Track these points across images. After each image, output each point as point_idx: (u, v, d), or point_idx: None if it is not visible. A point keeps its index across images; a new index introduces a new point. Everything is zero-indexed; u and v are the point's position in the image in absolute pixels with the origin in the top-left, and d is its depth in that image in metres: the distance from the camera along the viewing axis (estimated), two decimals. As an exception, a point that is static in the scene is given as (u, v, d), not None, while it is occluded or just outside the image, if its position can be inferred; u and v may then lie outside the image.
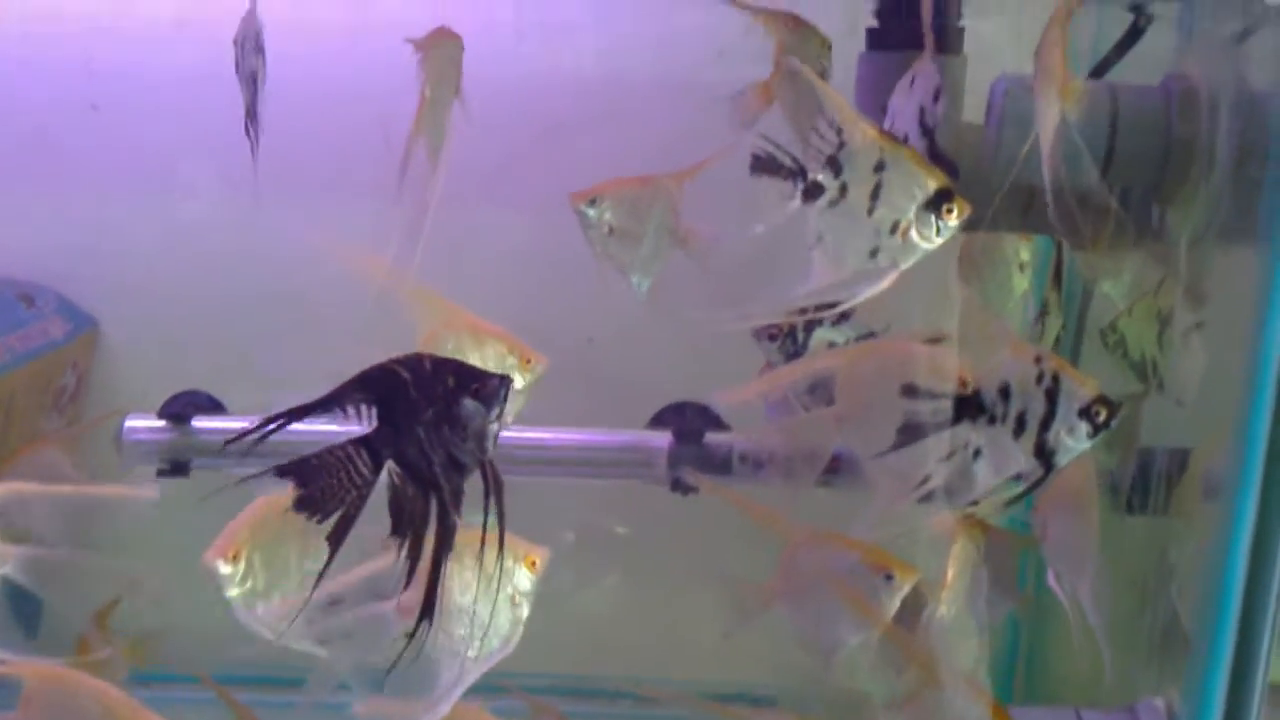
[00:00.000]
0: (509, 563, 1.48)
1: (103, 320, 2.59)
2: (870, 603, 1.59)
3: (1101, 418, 1.41)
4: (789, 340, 1.81)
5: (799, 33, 1.75)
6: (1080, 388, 1.43)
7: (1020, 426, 1.42)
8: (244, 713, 1.80)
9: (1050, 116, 1.51)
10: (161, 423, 2.24)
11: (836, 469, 1.88)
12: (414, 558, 1.23)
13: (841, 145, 1.40)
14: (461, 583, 1.45)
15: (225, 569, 1.60)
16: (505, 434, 1.59)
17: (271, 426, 1.19)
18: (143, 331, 2.55)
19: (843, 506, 1.73)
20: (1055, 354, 1.87)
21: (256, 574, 1.63)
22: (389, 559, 1.27)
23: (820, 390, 1.62)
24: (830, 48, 1.79)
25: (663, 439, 2.17)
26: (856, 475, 1.62)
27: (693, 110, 2.15)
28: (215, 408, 2.28)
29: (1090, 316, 2.04)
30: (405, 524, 1.24)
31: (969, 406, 1.44)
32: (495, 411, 1.23)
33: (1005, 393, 1.43)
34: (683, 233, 1.77)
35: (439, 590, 1.24)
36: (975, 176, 1.72)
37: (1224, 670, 1.57)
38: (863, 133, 1.40)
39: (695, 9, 2.16)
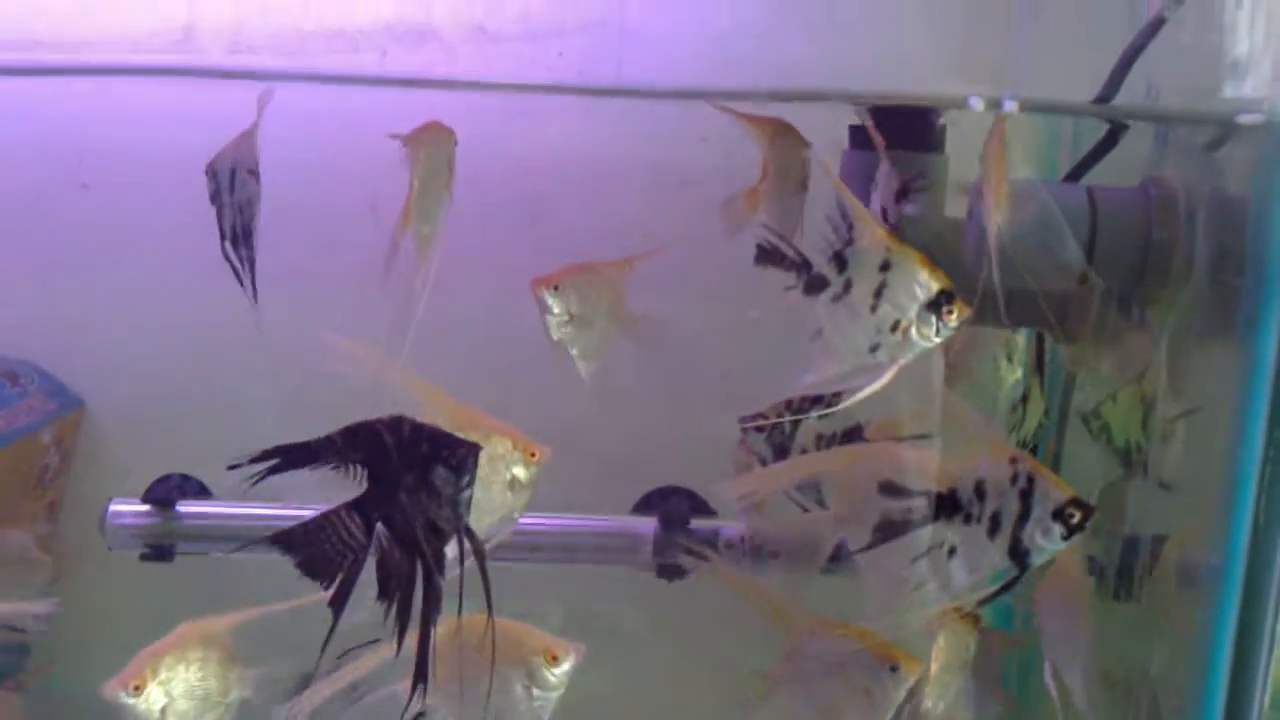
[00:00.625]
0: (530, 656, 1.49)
1: (89, 400, 2.58)
2: (875, 694, 1.59)
3: (1075, 520, 1.43)
4: (775, 430, 1.83)
5: (783, 136, 1.79)
6: (1054, 489, 1.45)
7: (995, 526, 1.44)
8: None
9: (993, 224, 1.56)
10: (146, 507, 2.24)
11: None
12: (403, 619, 1.26)
13: (849, 242, 1.44)
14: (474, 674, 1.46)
15: (126, 699, 1.59)
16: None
17: (266, 465, 1.22)
18: (129, 412, 2.54)
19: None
20: (1037, 440, 1.91)
21: (171, 703, 1.60)
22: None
23: (809, 487, 1.64)
24: (809, 147, 1.83)
25: (649, 524, 2.19)
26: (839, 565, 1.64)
27: (675, 193, 2.21)
28: (201, 492, 2.28)
29: (1073, 405, 2.06)
30: (393, 587, 1.26)
31: (946, 505, 1.45)
32: (466, 479, 1.25)
33: (981, 492, 1.45)
34: (629, 318, 1.84)
35: (431, 652, 1.27)
36: (955, 273, 1.74)
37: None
38: (871, 231, 1.44)
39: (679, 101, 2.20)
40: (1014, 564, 1.44)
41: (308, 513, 2.19)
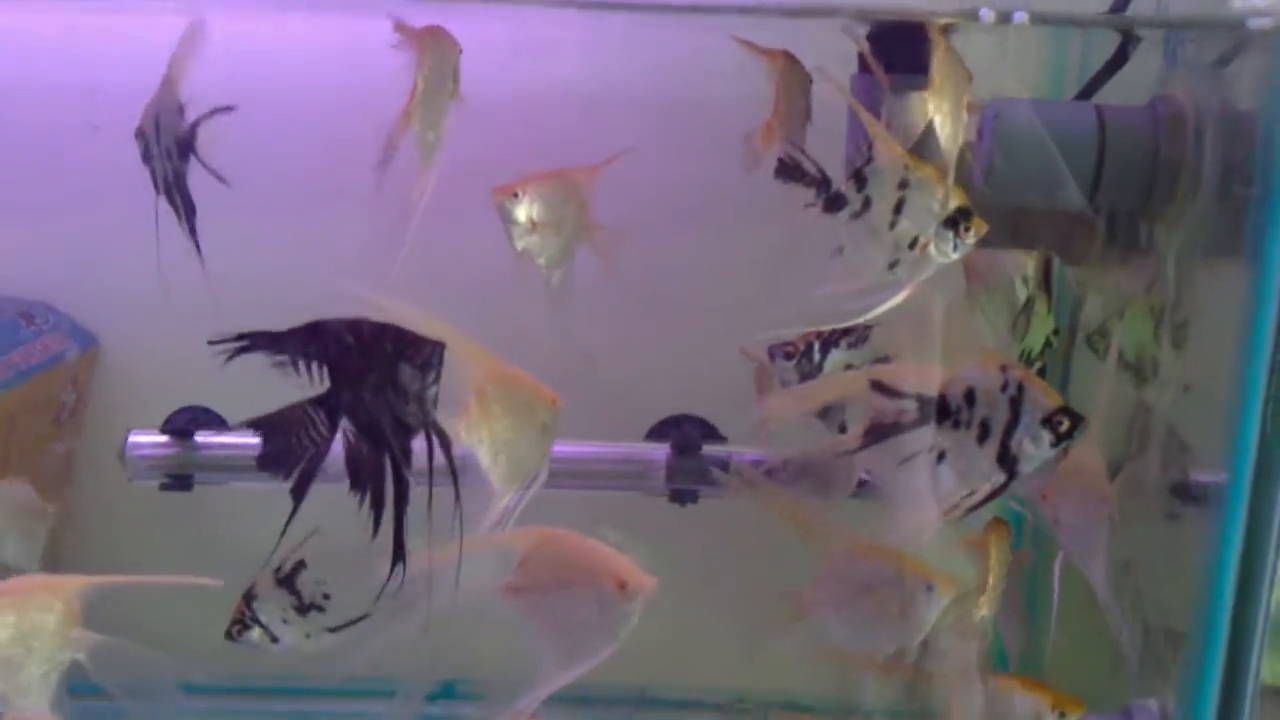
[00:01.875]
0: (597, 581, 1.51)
1: (103, 338, 2.60)
2: (910, 614, 1.61)
3: (1064, 428, 1.44)
4: (804, 359, 1.84)
5: (790, 69, 1.80)
6: (1044, 397, 1.45)
7: (985, 432, 1.45)
8: None
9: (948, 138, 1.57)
10: (165, 438, 2.27)
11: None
12: (377, 510, 1.32)
13: (869, 160, 1.46)
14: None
15: None
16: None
17: (237, 345, 1.29)
18: (144, 349, 2.56)
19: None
20: (1045, 359, 1.93)
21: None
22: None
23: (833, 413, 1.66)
24: (812, 82, 1.84)
25: (660, 451, 2.21)
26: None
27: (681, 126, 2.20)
28: (218, 423, 2.30)
29: (1080, 327, 2.08)
30: (364, 480, 1.32)
31: (936, 410, 1.47)
32: (431, 376, 1.30)
33: (970, 399, 1.46)
34: (592, 228, 1.83)
35: (404, 537, 1.33)
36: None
37: (1217, 671, 1.61)
38: (890, 149, 1.46)
39: (687, 34, 2.20)
40: (1002, 471, 1.46)
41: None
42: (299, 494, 1.34)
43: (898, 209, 1.48)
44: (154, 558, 2.49)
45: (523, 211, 1.75)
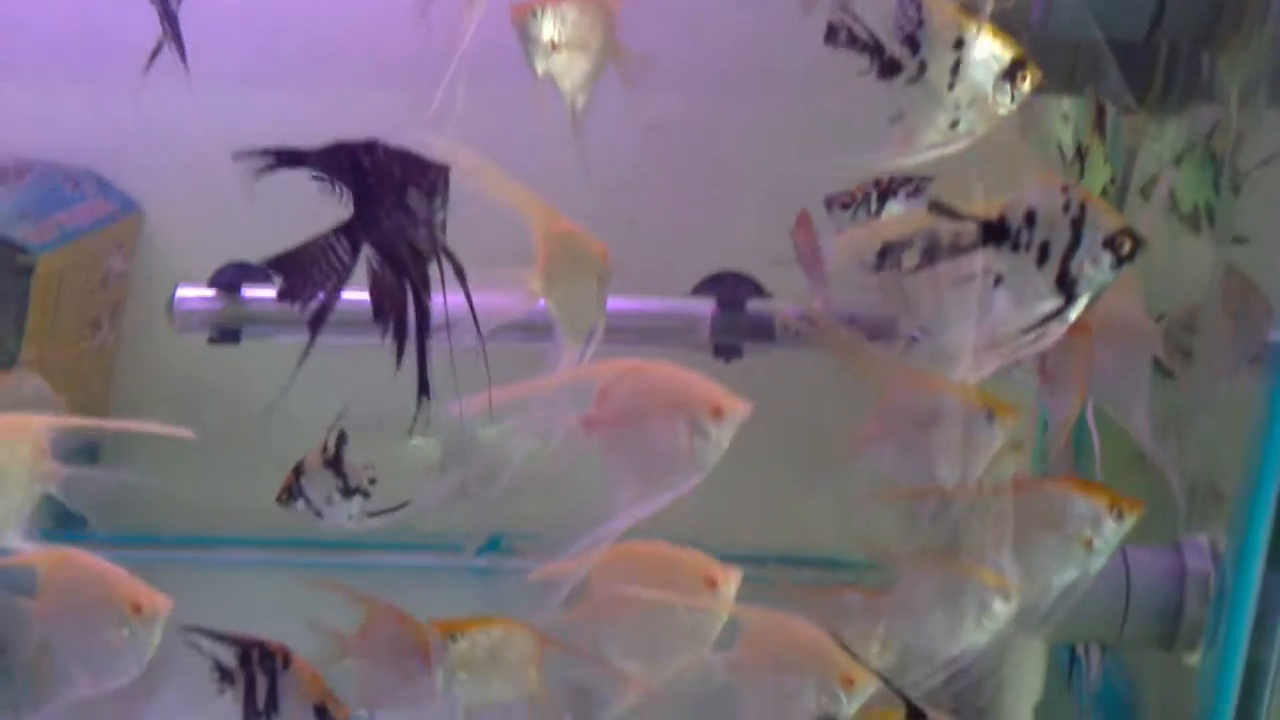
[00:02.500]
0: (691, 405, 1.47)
1: (147, 206, 2.61)
2: (970, 444, 1.58)
3: (1125, 249, 1.38)
4: (862, 209, 1.78)
5: None
6: (1105, 217, 1.40)
7: (1044, 255, 1.41)
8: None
9: None
10: (211, 292, 2.27)
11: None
12: (399, 341, 1.30)
13: (920, 23, 1.42)
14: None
15: None
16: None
17: (262, 160, 1.28)
18: (187, 216, 2.57)
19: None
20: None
21: None
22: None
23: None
24: None
25: (706, 306, 2.20)
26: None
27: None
28: (264, 278, 2.29)
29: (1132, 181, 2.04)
30: (386, 309, 1.31)
31: (993, 233, 1.42)
32: (438, 200, 1.28)
33: (1031, 220, 1.41)
34: (618, 50, 1.72)
35: (428, 369, 1.31)
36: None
37: (1269, 508, 1.60)
38: (941, 10, 1.41)
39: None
40: (1060, 294, 1.42)
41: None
42: (316, 326, 1.33)
43: (955, 69, 1.43)
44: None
45: (544, 31, 1.64)
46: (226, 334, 2.28)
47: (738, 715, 1.57)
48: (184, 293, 2.29)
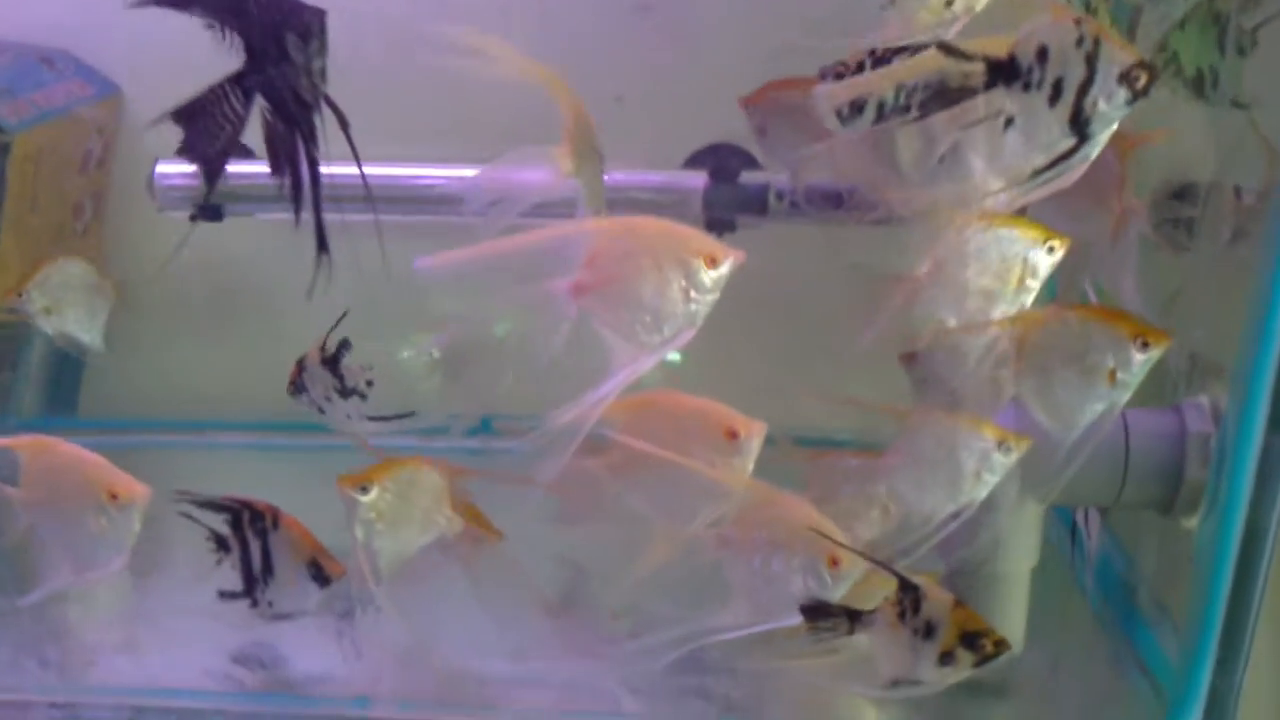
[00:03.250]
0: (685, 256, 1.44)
1: (126, 89, 2.54)
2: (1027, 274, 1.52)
3: (1141, 83, 1.33)
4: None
5: None
6: (1121, 51, 1.34)
7: (1057, 93, 1.35)
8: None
9: None
10: (193, 167, 2.21)
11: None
12: (296, 196, 1.34)
13: None
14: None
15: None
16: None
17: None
18: (169, 99, 2.49)
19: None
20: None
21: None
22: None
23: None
24: None
25: (698, 179, 2.16)
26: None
27: None
28: (245, 154, 2.24)
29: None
30: (283, 160, 1.36)
31: (1004, 72, 1.37)
32: (314, 45, 1.29)
33: (1043, 57, 1.36)
34: None
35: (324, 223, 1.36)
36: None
37: (1272, 366, 1.57)
38: None
39: None
40: (1073, 133, 1.37)
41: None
42: (212, 179, 1.38)
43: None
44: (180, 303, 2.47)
45: None
46: (208, 211, 2.24)
47: (726, 594, 1.55)
48: (164, 168, 2.25)
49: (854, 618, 1.49)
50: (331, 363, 1.92)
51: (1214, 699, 1.64)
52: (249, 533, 1.67)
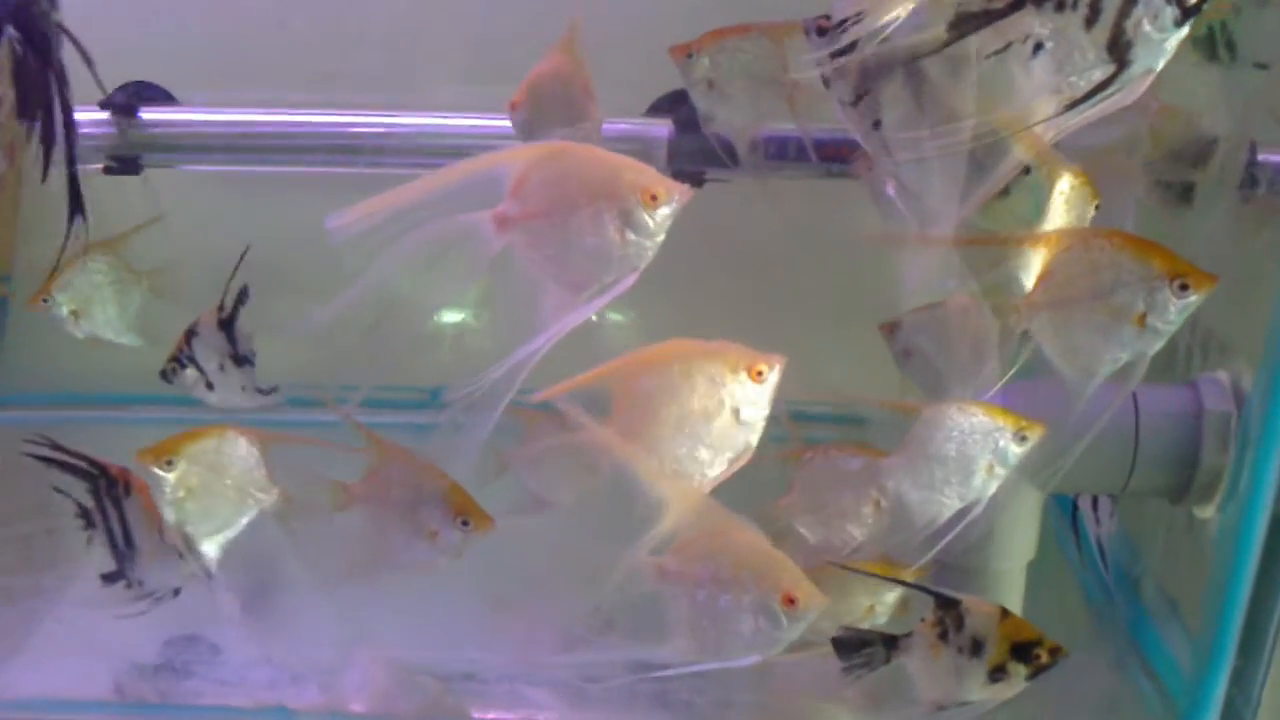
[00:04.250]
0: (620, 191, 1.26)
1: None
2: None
3: (1191, 1, 1.15)
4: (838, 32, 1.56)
5: None
6: None
7: (1094, 13, 1.17)
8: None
9: None
10: (104, 114, 2.03)
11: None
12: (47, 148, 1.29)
13: None
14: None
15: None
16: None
17: None
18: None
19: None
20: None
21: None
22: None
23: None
24: None
25: (662, 128, 1.98)
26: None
27: None
28: (165, 99, 2.06)
29: None
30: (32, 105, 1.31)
31: None
32: None
33: None
34: None
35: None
36: None
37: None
38: None
39: None
40: (1112, 60, 1.18)
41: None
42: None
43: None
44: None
45: None
46: (125, 163, 2.04)
47: (665, 632, 1.36)
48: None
49: (890, 645, 1.36)
50: (228, 324, 1.76)
51: (1229, 712, 1.47)
52: (105, 501, 1.50)
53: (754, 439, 1.30)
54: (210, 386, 1.76)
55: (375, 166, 2.03)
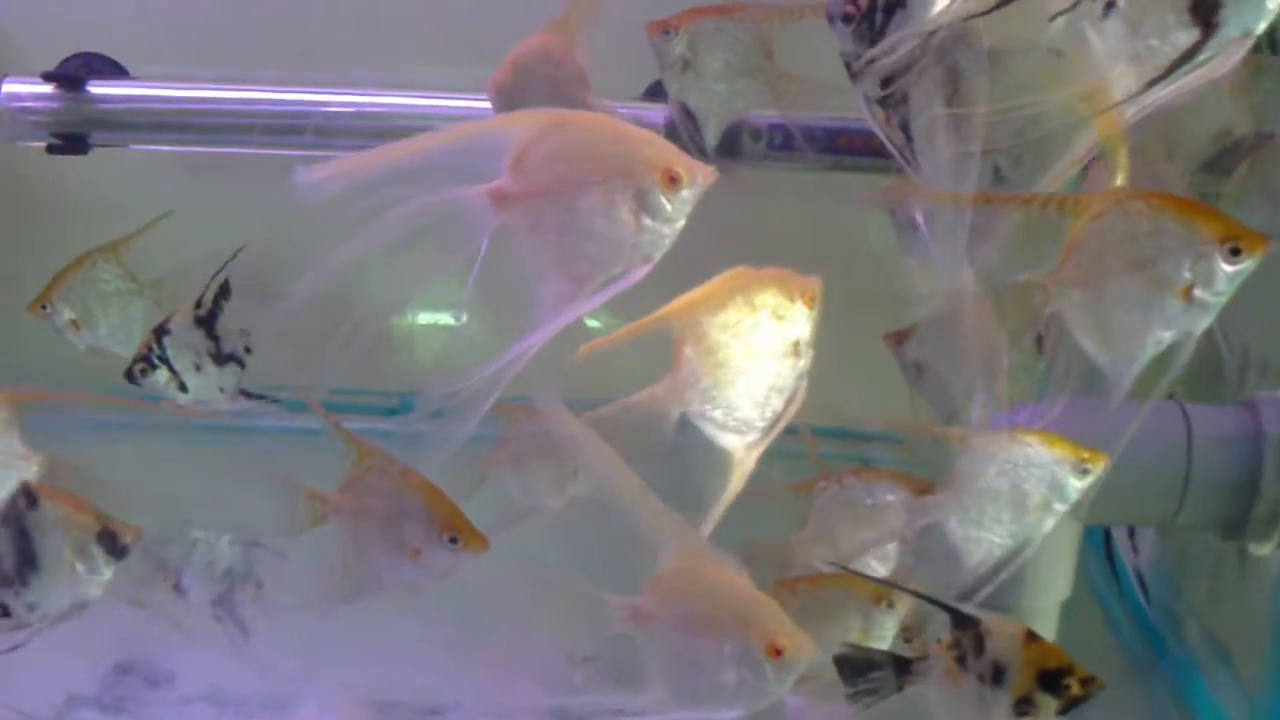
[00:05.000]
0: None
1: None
2: None
3: None
4: (864, 23, 1.40)
5: None
6: None
7: None
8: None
9: None
10: (49, 88, 1.88)
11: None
12: None
13: None
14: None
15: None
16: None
17: None
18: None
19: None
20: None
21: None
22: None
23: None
24: None
25: (658, 113, 1.81)
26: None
27: None
28: (116, 71, 1.93)
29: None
30: None
31: None
32: None
33: None
34: None
35: None
36: None
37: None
38: None
39: None
40: (1196, 23, 1.01)
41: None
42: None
43: None
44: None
45: None
46: (71, 142, 1.88)
47: (641, 679, 1.23)
48: (13, 88, 1.89)
49: (902, 668, 1.20)
50: (208, 320, 1.62)
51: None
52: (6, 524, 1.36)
53: (805, 375, 1.18)
54: (184, 388, 1.63)
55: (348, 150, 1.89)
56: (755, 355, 1.15)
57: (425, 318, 1.73)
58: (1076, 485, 1.22)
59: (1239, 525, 1.42)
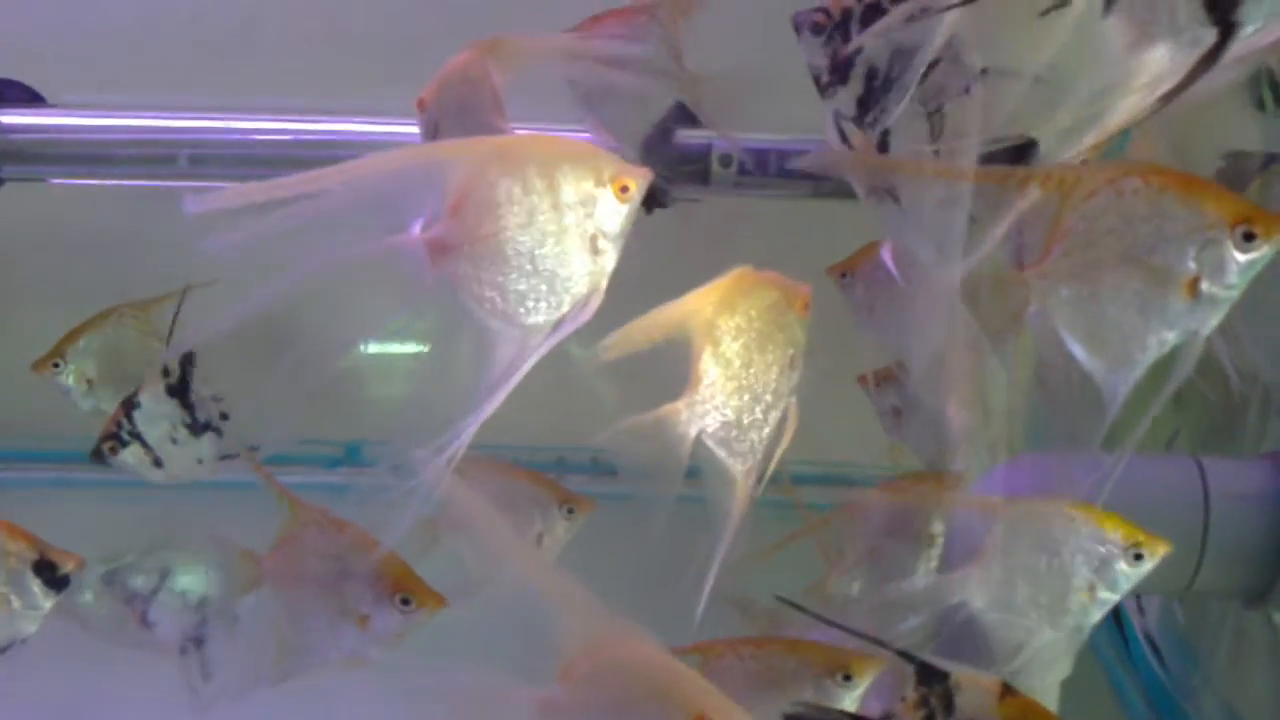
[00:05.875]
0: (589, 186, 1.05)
1: None
2: None
3: None
4: (836, 34, 1.32)
5: None
6: None
7: None
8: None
9: None
10: (-42, 116, 1.79)
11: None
12: None
13: None
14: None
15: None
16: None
17: None
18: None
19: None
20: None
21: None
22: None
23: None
24: None
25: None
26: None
27: None
28: (32, 99, 1.84)
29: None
30: None
31: None
32: None
33: None
34: None
35: None
36: None
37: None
38: None
39: None
40: (1213, 22, 0.86)
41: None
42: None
43: None
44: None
45: None
46: (-20, 175, 1.77)
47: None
48: (-83, 119, 1.76)
49: None
50: (180, 390, 1.57)
51: None
52: None
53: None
54: (158, 463, 1.58)
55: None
56: (767, 365, 1.10)
57: (369, 362, 1.64)
58: (1128, 572, 1.11)
59: (1263, 592, 1.32)
